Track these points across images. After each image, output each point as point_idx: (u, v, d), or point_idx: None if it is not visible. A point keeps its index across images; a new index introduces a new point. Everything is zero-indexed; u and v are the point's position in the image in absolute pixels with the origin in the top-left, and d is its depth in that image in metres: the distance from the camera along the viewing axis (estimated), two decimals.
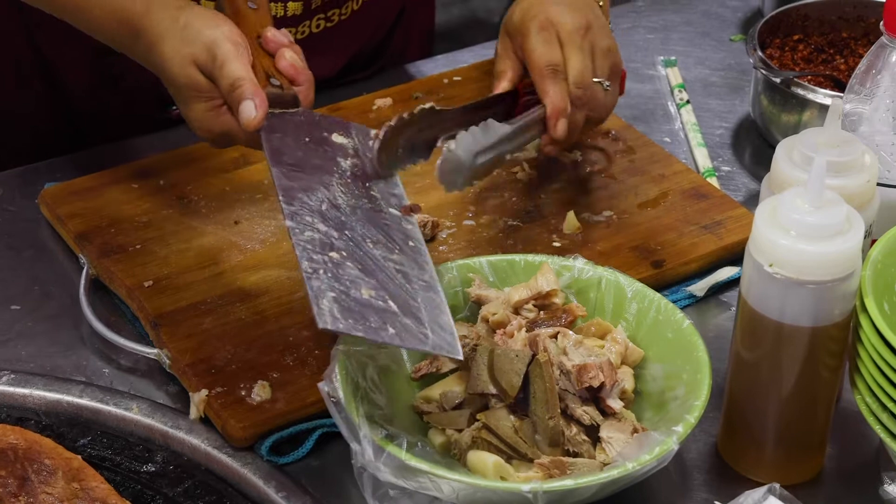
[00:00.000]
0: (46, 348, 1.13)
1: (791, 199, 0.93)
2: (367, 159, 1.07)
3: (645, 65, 1.50)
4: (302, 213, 0.99)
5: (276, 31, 1.10)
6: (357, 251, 0.98)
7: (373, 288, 0.96)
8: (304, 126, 1.07)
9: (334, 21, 1.37)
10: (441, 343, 0.97)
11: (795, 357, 0.95)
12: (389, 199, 1.07)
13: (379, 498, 0.97)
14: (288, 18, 1.33)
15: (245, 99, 1.03)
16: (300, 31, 1.35)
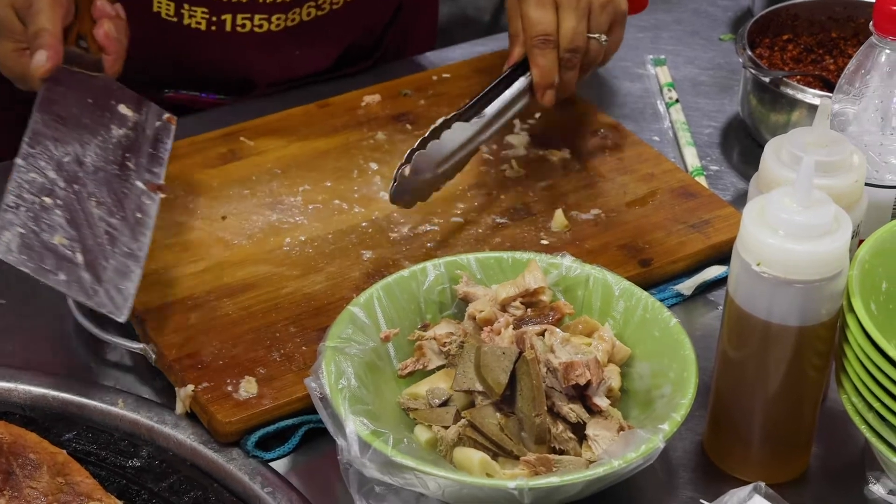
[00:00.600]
0: (32, 343, 1.12)
1: (779, 199, 0.93)
2: (144, 136, 1.13)
3: (634, 63, 1.50)
4: (38, 158, 1.05)
5: (108, 3, 1.15)
6: (75, 205, 1.04)
7: (68, 238, 1.02)
8: (95, 89, 1.14)
9: (325, 10, 1.37)
10: (106, 302, 1.02)
11: (782, 356, 0.95)
12: (142, 174, 1.11)
13: (365, 494, 0.97)
14: (278, 5, 1.33)
15: (40, 49, 1.11)
16: (290, 19, 1.35)
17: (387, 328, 1.06)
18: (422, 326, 1.07)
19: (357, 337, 1.03)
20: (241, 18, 1.34)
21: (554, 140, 1.33)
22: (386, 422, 0.99)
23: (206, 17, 1.33)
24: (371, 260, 1.18)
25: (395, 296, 1.07)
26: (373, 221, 1.22)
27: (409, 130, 1.34)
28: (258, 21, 1.35)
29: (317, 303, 1.13)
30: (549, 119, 1.36)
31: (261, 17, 1.34)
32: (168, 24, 1.33)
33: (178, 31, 1.33)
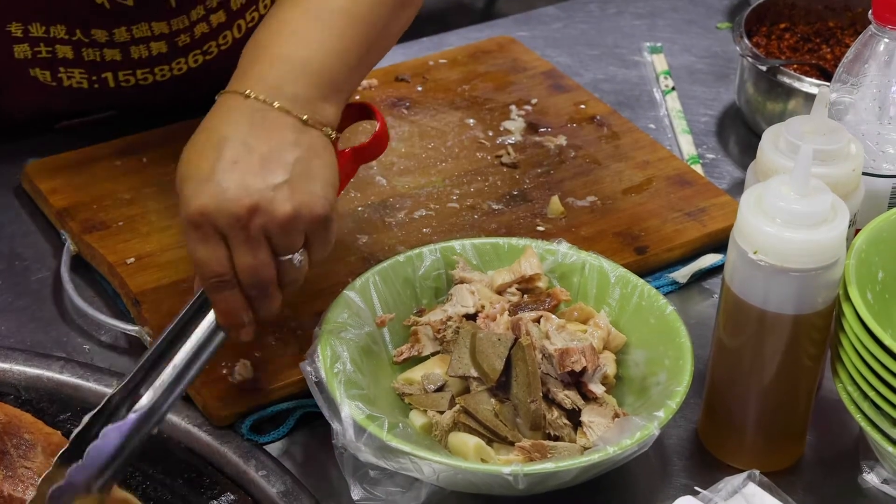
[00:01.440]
0: (27, 324, 1.12)
1: (776, 187, 0.93)
2: None
3: (630, 51, 1.50)
4: None
5: None
6: None
7: None
8: None
9: (213, 54, 1.29)
10: None
11: (778, 345, 0.96)
12: None
13: (359, 478, 0.97)
14: (154, 58, 1.25)
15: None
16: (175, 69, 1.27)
17: (382, 313, 1.06)
18: (417, 312, 1.07)
19: (352, 321, 1.03)
20: (123, 75, 1.25)
21: (550, 126, 1.33)
22: (381, 406, 0.99)
23: (86, 76, 1.24)
24: (367, 244, 1.18)
25: (390, 281, 1.07)
26: (369, 205, 1.22)
27: (405, 115, 1.34)
28: (141, 75, 1.25)
29: (312, 286, 1.12)
30: (545, 105, 1.36)
31: (143, 71, 1.25)
32: (49, 87, 1.24)
33: (61, 92, 1.25)
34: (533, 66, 1.42)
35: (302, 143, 0.94)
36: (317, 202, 0.94)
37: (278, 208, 0.92)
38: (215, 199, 0.91)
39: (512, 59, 1.43)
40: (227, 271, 0.93)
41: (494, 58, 1.43)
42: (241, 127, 0.94)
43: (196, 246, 0.93)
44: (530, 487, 0.93)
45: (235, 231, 0.92)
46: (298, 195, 0.93)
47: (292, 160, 0.93)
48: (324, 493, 0.98)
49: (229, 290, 0.94)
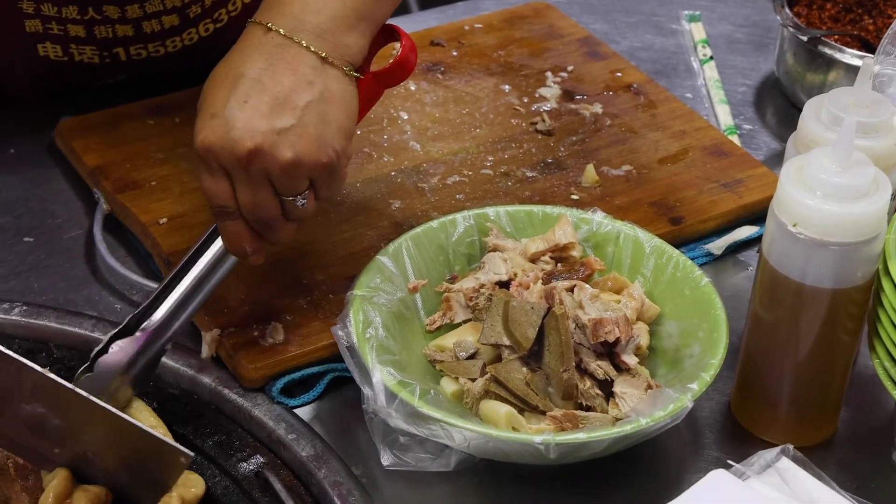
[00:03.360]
0: (59, 282, 1.12)
1: (818, 159, 0.92)
2: None
3: (669, 19, 1.49)
4: None
5: None
6: None
7: None
8: None
9: (223, 21, 1.27)
10: None
11: (815, 319, 0.95)
12: None
13: (389, 444, 0.97)
14: (166, 31, 1.24)
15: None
16: (186, 39, 1.26)
17: (415, 279, 1.05)
18: (450, 278, 1.07)
19: (385, 287, 1.03)
20: (135, 49, 1.24)
21: (586, 94, 1.32)
22: (412, 372, 0.98)
23: (97, 53, 1.23)
24: (399, 209, 1.17)
25: (423, 246, 1.06)
26: (402, 171, 1.21)
27: (440, 80, 1.33)
28: (153, 48, 1.24)
29: (344, 251, 1.12)
30: (581, 73, 1.35)
31: (154, 44, 1.24)
32: (60, 62, 1.23)
33: (72, 67, 1.24)
34: (569, 32, 1.41)
35: (318, 84, 0.93)
36: (322, 150, 0.93)
37: (280, 153, 0.92)
38: (220, 136, 0.92)
39: (548, 26, 1.41)
40: (230, 203, 0.95)
41: (530, 23, 1.42)
42: (259, 63, 0.93)
43: (203, 175, 0.95)
44: (561, 457, 0.92)
45: (237, 170, 0.93)
46: (304, 142, 0.92)
47: (304, 103, 0.92)
48: (353, 457, 0.98)
49: (233, 219, 0.95)
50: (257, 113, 0.92)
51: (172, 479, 0.92)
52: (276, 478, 0.96)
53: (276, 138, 0.92)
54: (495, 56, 1.37)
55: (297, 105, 0.92)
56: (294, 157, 0.92)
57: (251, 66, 0.93)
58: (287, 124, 0.92)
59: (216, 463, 0.98)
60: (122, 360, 0.95)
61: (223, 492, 0.96)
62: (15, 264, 1.14)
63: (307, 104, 0.93)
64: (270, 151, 0.92)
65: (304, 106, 0.92)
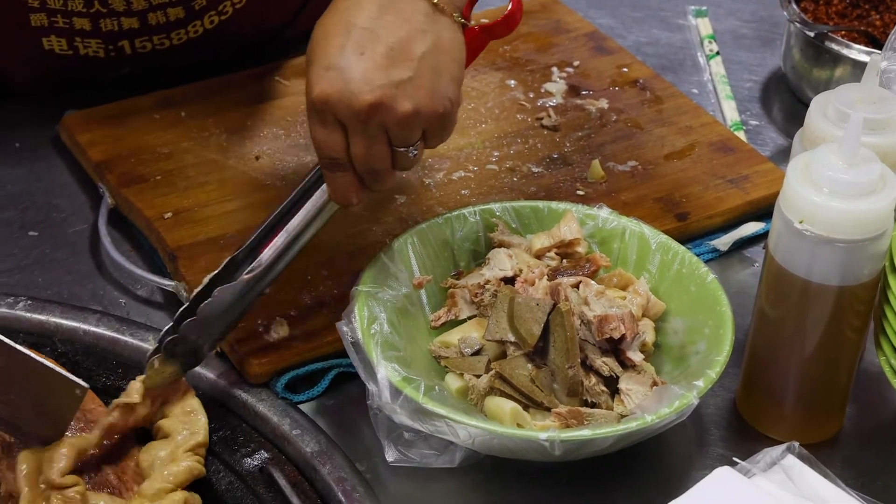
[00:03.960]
0: (64, 276, 1.12)
1: (825, 156, 0.92)
2: None
3: (675, 14, 1.48)
4: None
5: None
6: None
7: None
8: None
9: (228, 13, 1.27)
10: None
11: (821, 316, 0.94)
12: None
13: (393, 440, 0.97)
14: (172, 23, 1.23)
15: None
16: (192, 31, 1.25)
17: (420, 274, 1.05)
18: (455, 274, 1.07)
19: (390, 282, 1.02)
20: (140, 42, 1.24)
21: (592, 89, 1.32)
22: (417, 368, 0.98)
23: (102, 46, 1.23)
24: (404, 205, 1.17)
25: (428, 242, 1.06)
26: None
27: None
28: (158, 41, 1.24)
29: (349, 246, 1.12)
30: (588, 68, 1.34)
31: (159, 36, 1.24)
32: (65, 56, 1.23)
33: (77, 60, 1.24)
34: (575, 27, 1.41)
35: (431, 33, 0.93)
36: (438, 101, 0.93)
37: (399, 106, 0.92)
38: (338, 89, 0.91)
39: (555, 21, 1.41)
40: (342, 155, 0.94)
41: (537, 18, 1.41)
42: (371, 12, 0.92)
43: (315, 127, 0.94)
44: (566, 454, 0.92)
45: (354, 123, 0.92)
46: (421, 94, 0.92)
47: (419, 54, 0.92)
48: (357, 453, 0.98)
49: (342, 171, 0.95)
50: (374, 65, 0.91)
51: (71, 413, 0.92)
52: (281, 473, 0.96)
53: (394, 91, 0.91)
54: (501, 51, 1.36)
55: (413, 56, 0.92)
56: (413, 110, 0.92)
57: (363, 15, 0.92)
58: (404, 76, 0.91)
59: (220, 458, 0.98)
60: (224, 305, 0.96)
61: (227, 487, 0.96)
62: (20, 258, 1.14)
63: (422, 54, 0.92)
64: (390, 104, 0.91)
65: (419, 56, 0.92)
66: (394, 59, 0.91)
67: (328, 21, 0.94)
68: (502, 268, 1.05)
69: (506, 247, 1.06)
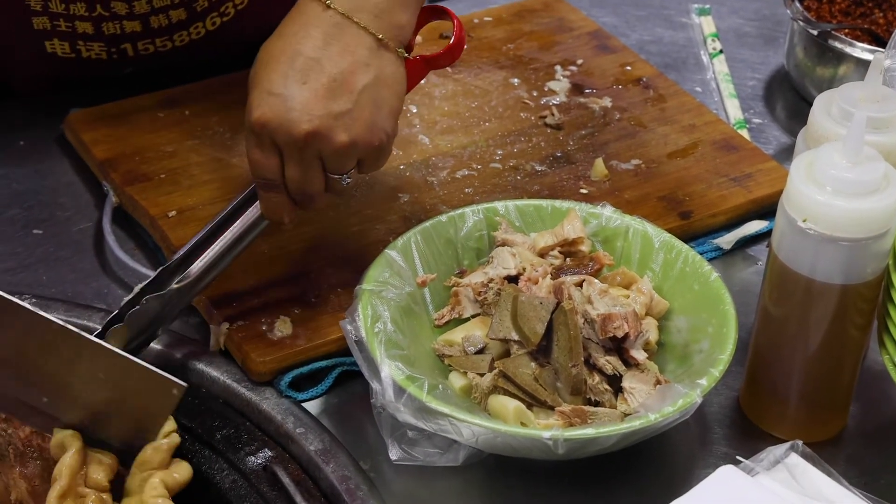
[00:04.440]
0: (68, 274, 1.12)
1: (828, 155, 0.92)
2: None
3: (678, 12, 1.48)
4: None
5: None
6: None
7: None
8: None
9: (230, 14, 1.28)
10: None
11: (824, 314, 0.94)
12: None
13: (397, 438, 0.97)
14: (173, 25, 1.24)
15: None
16: (194, 33, 1.26)
17: (423, 273, 1.05)
18: (458, 273, 1.07)
19: (394, 281, 1.03)
20: (142, 44, 1.25)
21: (595, 88, 1.32)
22: (421, 367, 0.98)
23: (105, 49, 1.24)
24: (408, 203, 1.17)
25: (432, 240, 1.06)
26: (411, 164, 1.21)
27: (448, 73, 1.33)
28: (160, 43, 1.25)
29: (353, 245, 1.12)
30: (591, 66, 1.34)
31: (161, 39, 1.25)
32: (67, 59, 1.24)
33: (79, 63, 1.25)
34: (579, 25, 1.41)
35: (374, 66, 0.95)
36: (375, 134, 0.96)
37: (336, 137, 0.94)
38: (277, 115, 0.93)
39: (558, 19, 1.41)
40: (276, 177, 0.97)
41: (540, 17, 1.42)
42: (317, 42, 0.94)
43: (252, 148, 0.96)
44: (570, 452, 0.92)
45: (290, 149, 0.95)
46: (358, 126, 0.95)
47: (360, 87, 0.94)
48: (361, 452, 0.98)
49: (276, 192, 0.98)
50: (315, 95, 0.93)
51: (166, 412, 0.93)
52: (284, 472, 0.96)
53: (332, 122, 0.94)
54: (504, 49, 1.36)
55: (354, 88, 0.94)
56: (349, 141, 0.95)
57: (309, 45, 0.94)
58: (344, 108, 0.94)
59: (224, 457, 0.98)
60: (152, 313, 0.98)
61: (231, 486, 0.96)
62: (24, 257, 1.14)
63: (363, 87, 0.94)
64: (326, 134, 0.94)
65: (360, 89, 0.94)
66: (335, 90, 0.94)
67: (274, 46, 0.96)
68: (506, 266, 1.05)
69: (509, 245, 1.06)
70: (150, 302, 0.98)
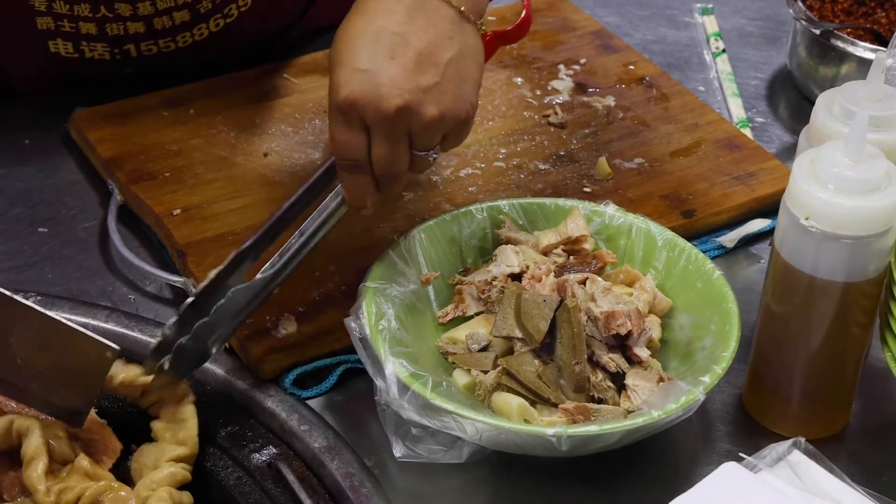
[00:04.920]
0: (73, 272, 1.13)
1: (830, 153, 0.92)
2: None
3: (681, 12, 1.49)
4: None
5: None
6: None
7: None
8: None
9: (234, 16, 1.27)
10: None
11: (826, 312, 0.95)
12: None
13: (401, 436, 0.97)
14: (177, 27, 1.25)
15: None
16: (197, 35, 1.27)
17: (427, 271, 1.05)
18: (462, 271, 1.07)
19: (398, 279, 1.03)
20: (146, 45, 1.25)
21: (598, 87, 1.32)
22: (425, 364, 0.98)
23: (108, 49, 1.24)
24: (412, 202, 1.17)
25: (436, 239, 1.07)
26: None
27: None
28: (164, 44, 1.26)
29: (357, 243, 1.12)
30: (594, 66, 1.35)
31: (165, 40, 1.26)
32: (70, 59, 1.25)
33: (83, 63, 1.25)
34: (582, 25, 1.41)
35: (457, 39, 0.94)
36: (462, 107, 0.95)
37: (426, 111, 0.93)
38: (367, 92, 0.92)
39: (561, 19, 1.42)
40: (363, 157, 0.95)
41: (544, 16, 1.42)
42: (399, 16, 0.93)
43: (338, 128, 0.94)
44: (573, 449, 0.93)
45: (379, 126, 0.93)
46: (447, 99, 0.93)
47: (446, 60, 0.93)
48: (365, 449, 0.99)
49: (361, 173, 0.96)
50: (404, 69, 0.92)
51: (101, 376, 0.92)
52: (289, 469, 0.97)
53: (422, 96, 0.92)
54: (508, 49, 1.37)
55: (440, 62, 0.93)
56: (438, 115, 0.93)
57: (391, 20, 0.93)
58: (432, 81, 0.93)
59: (228, 454, 0.98)
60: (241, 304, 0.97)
61: (235, 482, 0.97)
62: (29, 255, 1.14)
63: (448, 60, 0.94)
64: (417, 109, 0.92)
65: (446, 62, 0.94)
66: (422, 64, 0.93)
67: (355, 24, 0.94)
68: (509, 264, 1.05)
69: (513, 243, 1.07)
70: (238, 294, 0.96)
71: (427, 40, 0.93)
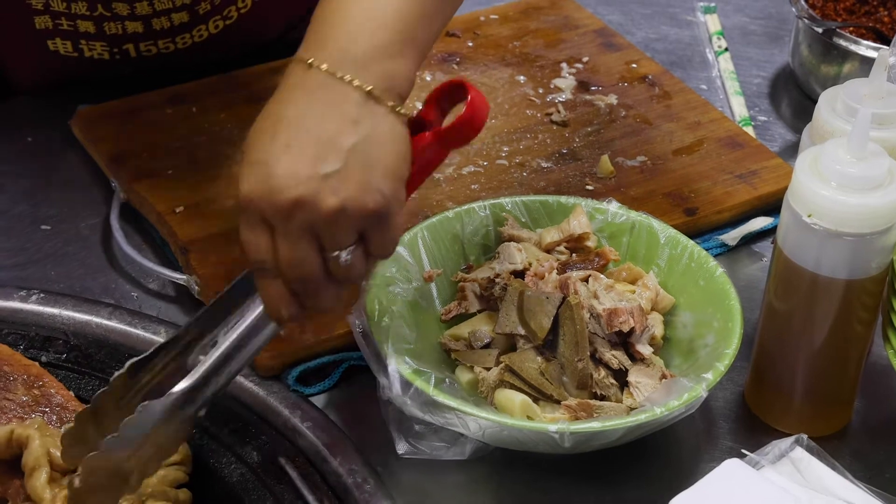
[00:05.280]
0: (76, 269, 1.13)
1: (833, 150, 0.92)
2: None
3: (684, 10, 1.49)
4: None
5: None
6: None
7: None
8: None
9: (233, 18, 1.26)
10: None
11: (829, 309, 0.95)
12: None
13: (404, 432, 0.97)
14: (175, 28, 1.24)
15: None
16: (196, 36, 1.26)
17: (430, 268, 1.05)
18: (465, 268, 1.07)
19: (400, 276, 1.03)
20: (145, 45, 1.24)
21: (601, 85, 1.32)
22: (427, 361, 0.99)
23: (107, 49, 1.23)
24: (415, 199, 1.17)
25: (439, 236, 1.07)
26: None
27: (455, 71, 1.33)
28: (163, 45, 1.25)
29: None
30: (597, 64, 1.35)
31: (164, 41, 1.25)
32: (70, 58, 1.24)
33: (82, 62, 1.24)
34: (584, 23, 1.41)
35: (364, 123, 0.85)
36: (368, 196, 0.84)
37: (324, 202, 0.83)
38: (262, 185, 0.84)
39: (564, 17, 1.42)
40: (269, 259, 0.86)
41: (546, 14, 1.42)
42: (300, 106, 0.85)
43: (242, 228, 0.87)
44: (576, 446, 0.93)
45: (278, 221, 0.85)
46: (350, 188, 0.84)
47: (349, 145, 0.84)
48: (368, 445, 0.99)
49: (271, 278, 0.87)
50: (300, 158, 0.84)
51: None
52: (292, 465, 0.97)
53: (319, 185, 0.83)
54: (510, 47, 1.37)
55: (342, 148, 0.84)
56: (338, 204, 0.84)
57: (292, 109, 0.85)
58: (331, 169, 0.83)
59: (232, 450, 0.98)
60: (149, 421, 0.87)
61: (239, 479, 0.97)
62: (32, 252, 1.14)
63: (352, 146, 0.84)
64: (313, 200, 0.83)
65: (349, 148, 0.84)
66: (321, 151, 0.84)
67: (260, 118, 0.87)
68: (512, 262, 1.05)
69: (516, 241, 1.07)
70: (149, 408, 0.86)
71: (328, 126, 0.84)
